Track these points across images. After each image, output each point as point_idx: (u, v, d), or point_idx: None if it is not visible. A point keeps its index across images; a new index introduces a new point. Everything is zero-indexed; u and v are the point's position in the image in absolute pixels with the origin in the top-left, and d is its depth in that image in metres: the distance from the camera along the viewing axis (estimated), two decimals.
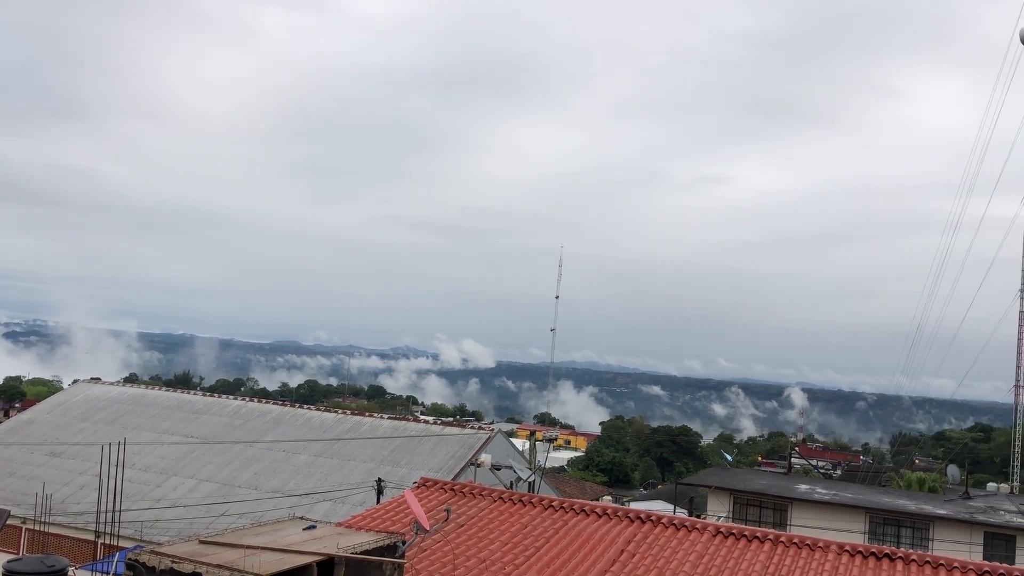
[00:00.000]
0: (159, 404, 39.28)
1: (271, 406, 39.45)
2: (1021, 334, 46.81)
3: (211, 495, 30.24)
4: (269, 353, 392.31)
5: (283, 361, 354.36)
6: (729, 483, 35.13)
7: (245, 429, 35.90)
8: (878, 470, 68.78)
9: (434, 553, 12.75)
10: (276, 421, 36.62)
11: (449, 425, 37.55)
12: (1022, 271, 47.06)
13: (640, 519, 14.57)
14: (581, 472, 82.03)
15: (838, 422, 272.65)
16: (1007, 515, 31.54)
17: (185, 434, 35.79)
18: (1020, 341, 46.90)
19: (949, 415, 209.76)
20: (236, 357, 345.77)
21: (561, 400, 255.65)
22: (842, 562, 13.07)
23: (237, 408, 38.55)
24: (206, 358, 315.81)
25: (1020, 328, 46.81)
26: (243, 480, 31.71)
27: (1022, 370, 47.25)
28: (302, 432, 35.19)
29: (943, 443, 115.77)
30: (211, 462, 33.28)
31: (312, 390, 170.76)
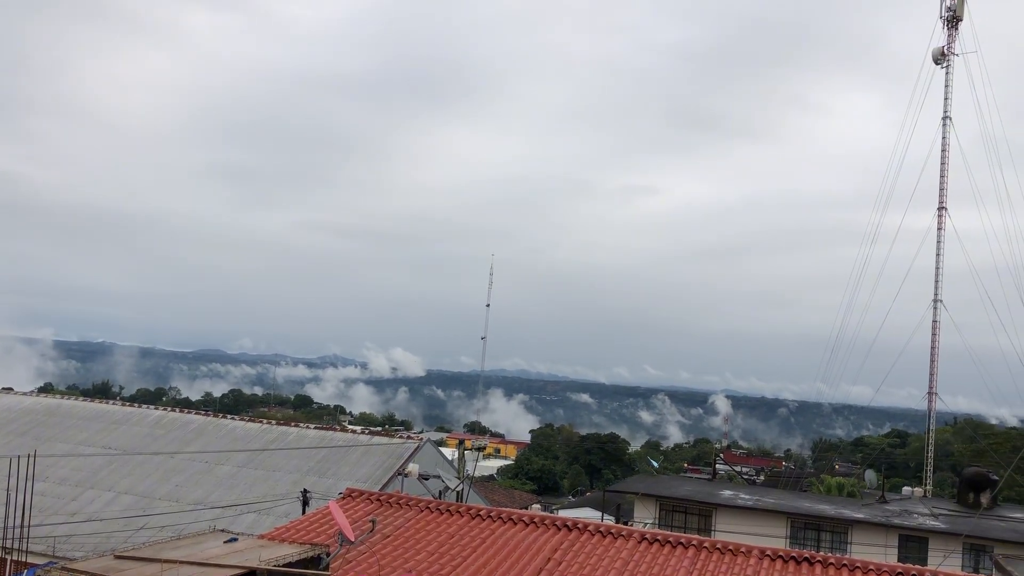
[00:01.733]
0: (75, 415, 37.97)
1: (194, 416, 38.49)
2: (935, 342, 48.42)
3: (130, 508, 29.34)
4: (192, 362, 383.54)
5: (207, 370, 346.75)
6: (655, 490, 35.56)
7: (166, 440, 34.95)
8: (799, 475, 70.43)
9: (359, 565, 12.60)
10: (199, 432, 35.74)
11: (377, 435, 37.16)
12: (935, 281, 48.76)
13: (567, 527, 14.64)
14: (511, 480, 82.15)
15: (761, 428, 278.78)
16: (920, 518, 32.60)
17: (103, 445, 34.68)
18: (934, 349, 48.51)
19: (867, 421, 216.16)
20: (158, 366, 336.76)
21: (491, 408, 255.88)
22: (763, 566, 13.34)
23: (158, 418, 37.51)
24: (126, 367, 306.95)
25: (934, 337, 48.42)
26: (163, 492, 30.85)
27: (936, 377, 48.85)
28: (226, 443, 34.42)
29: (861, 449, 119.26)
30: (130, 474, 32.30)
31: (237, 400, 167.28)
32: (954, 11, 50.29)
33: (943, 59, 50.41)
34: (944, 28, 50.72)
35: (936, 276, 48.60)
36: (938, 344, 48.05)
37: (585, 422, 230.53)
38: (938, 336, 48.05)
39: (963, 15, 50.39)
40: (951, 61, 50.34)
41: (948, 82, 50.19)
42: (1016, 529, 31.23)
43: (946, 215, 48.86)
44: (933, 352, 48.27)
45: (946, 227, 48.59)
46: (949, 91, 50.12)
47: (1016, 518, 34.14)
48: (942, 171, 49.18)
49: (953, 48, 50.48)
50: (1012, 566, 20.82)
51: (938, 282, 48.56)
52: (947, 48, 50.46)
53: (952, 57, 50.38)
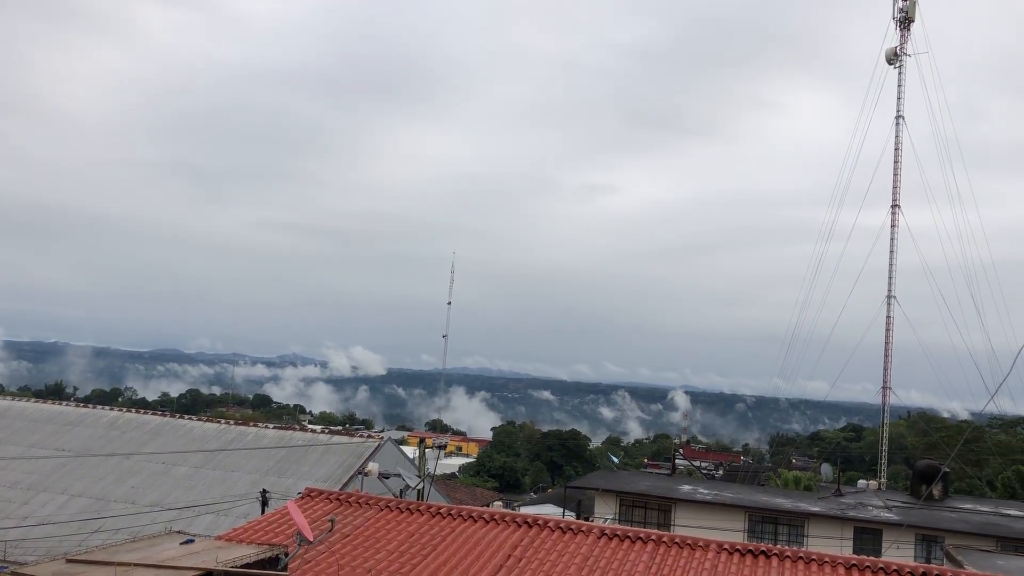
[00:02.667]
0: (27, 416, 37.22)
1: (150, 416, 37.94)
2: (888, 338, 49.28)
3: (84, 511, 28.85)
4: (148, 361, 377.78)
5: (163, 370, 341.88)
6: (616, 485, 35.78)
7: (121, 441, 34.41)
8: (757, 470, 71.37)
9: (318, 564, 12.52)
10: (155, 432, 35.24)
11: (337, 434, 36.93)
12: (889, 278, 49.62)
13: (527, 523, 14.68)
14: (472, 478, 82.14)
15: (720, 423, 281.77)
16: (875, 510, 33.18)
17: (56, 447, 34.04)
18: (888, 345, 49.37)
19: (823, 416, 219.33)
20: (112, 366, 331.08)
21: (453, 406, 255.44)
22: (721, 560, 13.50)
23: (113, 419, 36.91)
24: (80, 367, 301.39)
25: (888, 333, 49.29)
26: (119, 495, 30.38)
27: (890, 372, 49.74)
28: (183, 443, 33.98)
29: (818, 443, 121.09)
30: (84, 476, 31.75)
31: (194, 400, 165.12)
32: (906, 12, 51.18)
33: (896, 59, 51.30)
34: (897, 29, 51.62)
35: (890, 273, 49.45)
36: (892, 340, 48.94)
37: (546, 419, 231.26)
38: (892, 332, 48.94)
39: (915, 17, 51.32)
40: (903, 61, 51.25)
41: (901, 82, 51.09)
42: (966, 520, 31.92)
43: (899, 213, 49.76)
44: (887, 348, 49.15)
45: (899, 225, 49.50)
46: (902, 91, 51.02)
47: (966, 509, 34.90)
48: (895, 169, 50.08)
49: (905, 49, 51.41)
50: (962, 556, 21.29)
51: (892, 279, 49.42)
52: (900, 49, 51.35)
53: (904, 57, 51.30)
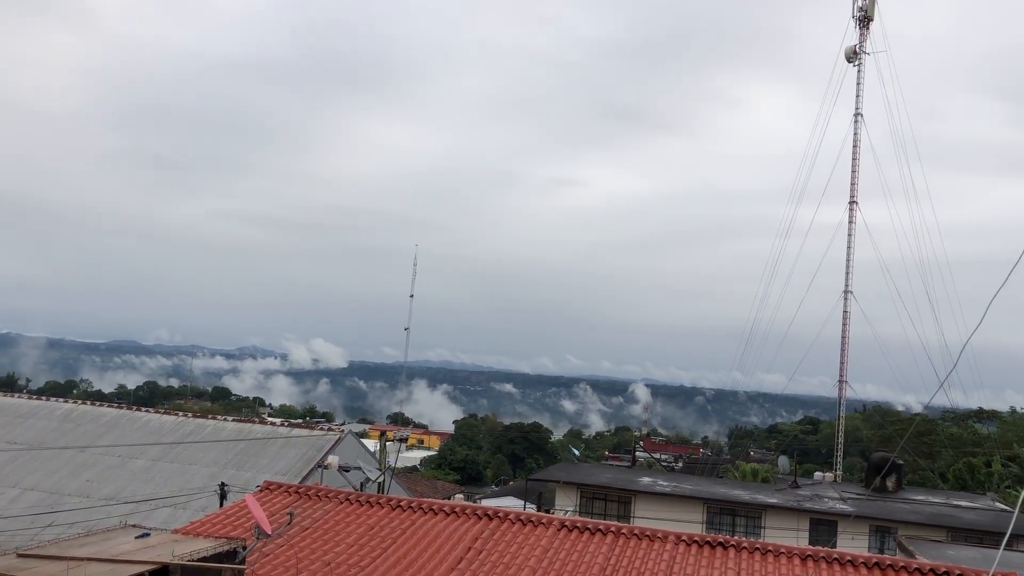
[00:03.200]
0: None
1: (106, 409, 37.35)
2: (845, 333, 49.97)
3: (37, 505, 28.34)
4: (105, 353, 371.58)
5: (120, 362, 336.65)
6: (576, 477, 35.94)
7: (76, 434, 33.85)
8: (716, 462, 72.09)
9: (277, 558, 12.44)
10: (111, 425, 34.73)
11: (297, 427, 36.68)
12: (846, 273, 50.32)
13: (488, 516, 14.70)
14: (434, 471, 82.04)
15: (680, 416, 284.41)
16: (830, 502, 33.70)
17: (8, 440, 33.39)
18: (844, 339, 50.05)
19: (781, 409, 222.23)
20: (67, 357, 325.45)
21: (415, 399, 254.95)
22: (679, 551, 13.63)
23: (68, 411, 36.28)
24: (32, 359, 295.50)
25: (844, 327, 49.96)
26: (73, 488, 29.89)
27: (846, 366, 50.44)
28: (140, 436, 33.53)
29: (775, 435, 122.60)
30: (37, 470, 31.20)
31: (152, 392, 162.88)
32: (865, 11, 51.79)
33: (855, 57, 51.89)
34: (856, 27, 52.20)
35: (847, 268, 50.12)
36: (848, 334, 49.62)
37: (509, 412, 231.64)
38: (848, 326, 49.62)
39: (874, 15, 51.95)
40: (863, 60, 51.85)
41: (860, 80, 51.71)
42: (918, 511, 32.56)
43: (857, 209, 50.43)
44: (843, 342, 49.83)
45: (857, 221, 50.16)
46: (861, 89, 51.64)
47: (919, 500, 35.59)
48: (853, 166, 50.72)
49: (865, 47, 52.00)
50: (913, 546, 21.72)
51: (849, 274, 50.10)
52: (859, 47, 51.94)
53: (864, 56, 51.90)
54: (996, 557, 20.24)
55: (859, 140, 50.87)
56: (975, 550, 22.99)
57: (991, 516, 32.97)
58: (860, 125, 51.23)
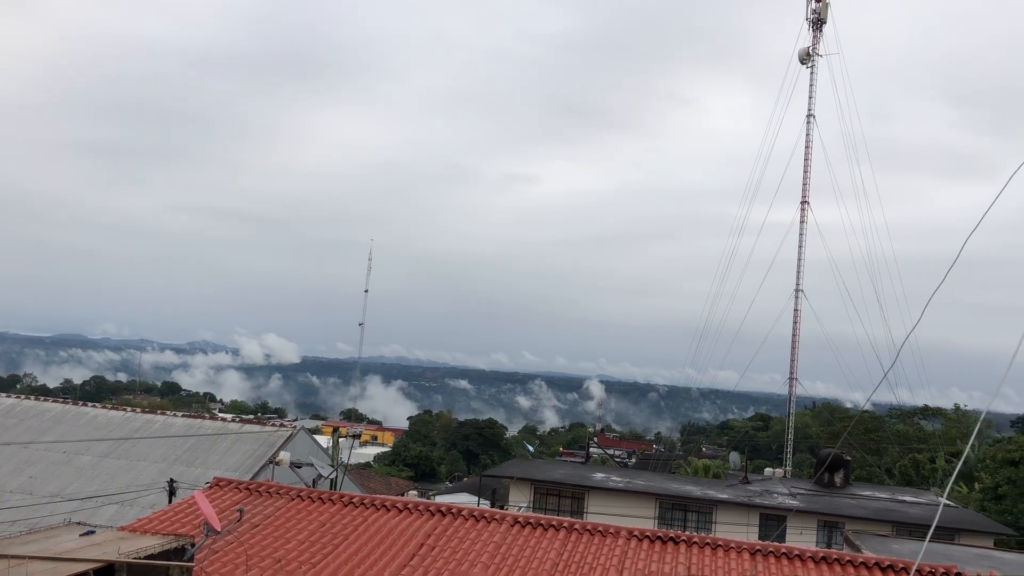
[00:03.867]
0: None
1: (50, 404, 36.50)
2: (795, 330, 50.75)
3: None
4: (50, 347, 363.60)
5: (66, 355, 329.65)
6: (530, 474, 36.01)
7: (19, 429, 33.05)
8: (669, 458, 72.81)
9: (226, 555, 12.26)
10: (56, 420, 33.97)
11: (249, 423, 36.24)
12: (797, 272, 51.08)
13: (440, 512, 14.65)
14: (388, 467, 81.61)
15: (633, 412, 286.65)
16: (780, 497, 34.21)
17: None
18: (795, 337, 50.84)
19: (733, 405, 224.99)
20: (10, 351, 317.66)
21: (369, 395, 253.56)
22: (631, 546, 13.72)
23: (10, 406, 35.41)
24: None
25: (795, 325, 50.74)
26: (15, 485, 29.17)
27: (796, 364, 51.24)
28: (86, 431, 32.85)
29: (727, 431, 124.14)
30: None
31: (99, 387, 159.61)
32: (819, 14, 52.58)
33: (808, 59, 52.66)
34: (810, 30, 53.01)
35: (798, 267, 50.89)
36: (799, 332, 50.42)
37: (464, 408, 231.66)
38: (799, 324, 50.41)
39: (827, 18, 52.77)
40: (815, 62, 52.64)
41: (812, 81, 52.51)
42: (865, 506, 33.19)
43: (808, 209, 51.23)
44: (794, 340, 50.62)
45: (808, 220, 50.96)
46: (813, 90, 52.44)
47: (865, 496, 36.28)
48: (805, 167, 51.50)
49: (818, 49, 52.78)
50: (859, 540, 22.14)
51: (800, 273, 50.88)
52: (812, 49, 52.71)
53: (816, 58, 52.68)
54: (939, 551, 20.73)
55: (811, 141, 51.70)
56: (919, 544, 23.50)
57: (935, 511, 33.74)
58: (812, 126, 52.04)
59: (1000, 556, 21.83)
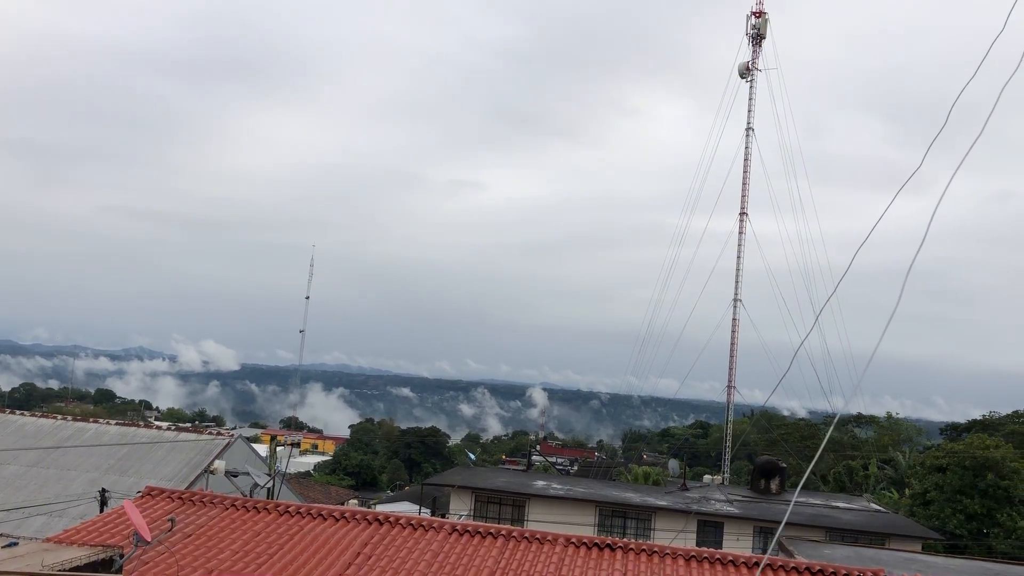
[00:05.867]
0: None
1: None
2: (734, 339, 51.56)
3: None
4: None
5: None
6: (472, 482, 35.94)
7: None
8: (610, 465, 73.34)
9: (157, 566, 12.02)
10: None
11: (185, 431, 35.60)
12: (735, 282, 51.95)
13: (378, 521, 14.56)
14: (328, 476, 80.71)
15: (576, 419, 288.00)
16: (717, 504, 34.69)
17: None
18: (733, 345, 51.64)
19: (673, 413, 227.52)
20: None
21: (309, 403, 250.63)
22: (568, 554, 13.80)
23: None
24: None
25: (733, 334, 51.55)
26: None
27: (734, 372, 52.04)
28: (14, 440, 31.89)
29: (668, 439, 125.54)
30: None
31: (29, 394, 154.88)
32: (758, 29, 53.63)
33: (748, 73, 53.65)
34: (749, 45, 54.01)
35: (736, 277, 51.74)
36: (737, 340, 51.22)
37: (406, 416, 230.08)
38: (737, 333, 51.22)
39: (766, 34, 53.85)
40: (755, 76, 53.66)
41: (752, 95, 53.49)
42: (799, 512, 33.81)
43: (747, 220, 52.17)
44: (732, 348, 51.41)
45: (746, 231, 51.88)
46: (752, 104, 53.42)
47: (800, 502, 36.97)
48: (744, 179, 52.44)
49: (757, 64, 53.81)
50: (793, 546, 22.57)
51: (738, 282, 51.73)
52: (752, 63, 53.72)
53: (756, 72, 53.72)
54: (868, 555, 21.24)
55: (750, 153, 52.67)
56: (850, 549, 24.05)
57: (866, 516, 34.55)
58: (751, 139, 53.02)
59: (926, 559, 22.45)
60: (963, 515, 39.49)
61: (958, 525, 39.13)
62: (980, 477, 39.59)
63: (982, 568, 21.55)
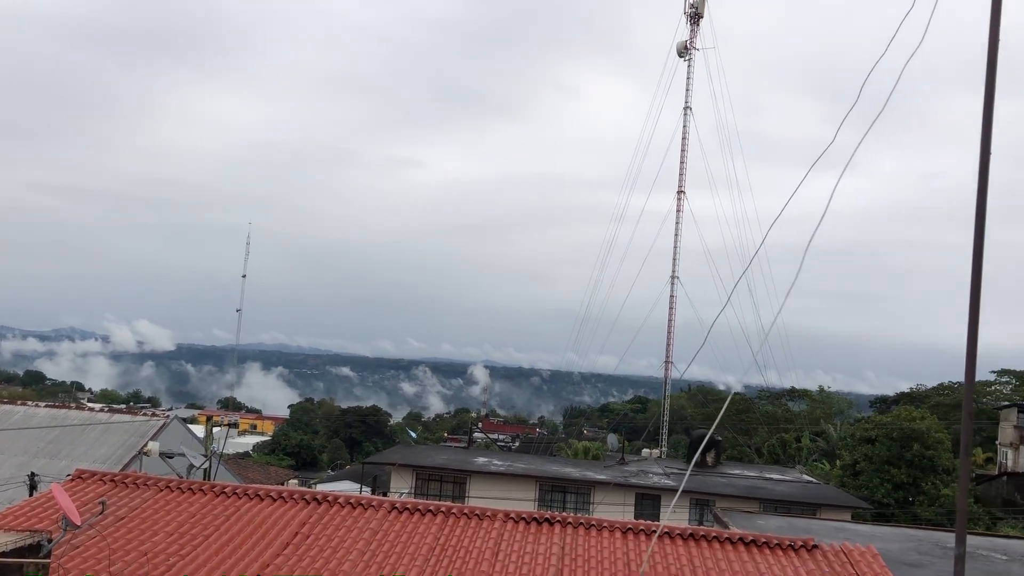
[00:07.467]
0: None
1: None
2: (671, 316, 52.32)
3: None
4: None
5: None
6: (412, 460, 35.98)
7: None
8: (551, 441, 73.96)
9: (87, 550, 11.79)
10: None
11: (119, 412, 34.95)
12: (673, 259, 52.63)
13: (316, 500, 14.47)
14: (267, 457, 79.92)
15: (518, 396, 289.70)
16: (655, 477, 35.29)
17: None
18: (671, 322, 52.42)
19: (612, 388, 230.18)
20: None
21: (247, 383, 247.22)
22: (507, 529, 13.90)
23: None
24: None
25: (671, 311, 52.32)
26: None
27: (672, 348, 52.84)
28: None
29: (607, 414, 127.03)
30: None
31: None
32: (696, 8, 54.01)
33: (686, 53, 54.06)
34: (688, 24, 54.38)
35: (674, 255, 52.46)
36: (675, 317, 51.99)
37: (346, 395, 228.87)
38: (675, 310, 51.99)
39: (704, 13, 54.26)
40: (693, 55, 54.11)
41: (690, 75, 53.97)
42: (734, 484, 34.60)
43: (684, 198, 52.79)
44: (670, 324, 52.18)
45: (684, 209, 52.53)
46: (690, 83, 53.91)
47: (735, 474, 37.81)
48: (682, 157, 53.02)
49: (695, 43, 54.25)
50: (728, 517, 23.10)
51: (676, 260, 52.46)
52: (690, 43, 54.13)
53: (694, 51, 54.17)
54: (800, 525, 21.82)
55: (688, 132, 53.23)
56: (783, 519, 24.70)
57: (799, 487, 35.50)
58: (689, 118, 53.55)
59: (855, 528, 23.17)
60: (890, 484, 40.84)
61: (886, 494, 40.46)
62: (907, 448, 40.92)
63: (906, 535, 22.34)
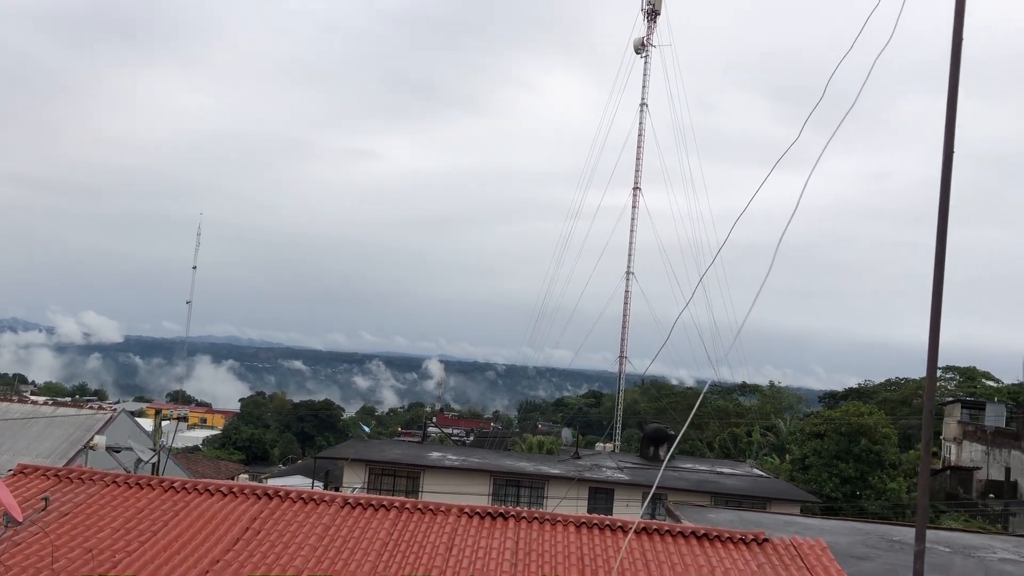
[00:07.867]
0: None
1: None
2: (626, 311, 52.68)
3: None
4: None
5: None
6: (366, 454, 35.72)
7: None
8: (505, 435, 74.00)
9: (30, 547, 11.49)
10: None
11: (64, 406, 34.21)
12: (628, 255, 52.96)
13: (267, 495, 14.28)
14: (217, 451, 78.94)
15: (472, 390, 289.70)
16: (608, 471, 35.49)
17: None
18: (625, 317, 52.77)
19: (567, 383, 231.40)
20: None
21: (197, 376, 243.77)
22: (461, 524, 13.85)
23: None
24: None
25: (626, 306, 52.67)
26: None
27: (627, 343, 53.22)
28: None
29: (562, 408, 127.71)
30: None
31: None
32: (653, 5, 54.32)
33: (643, 49, 54.35)
34: (644, 20, 54.68)
35: (629, 250, 52.81)
36: (629, 312, 52.38)
37: (299, 389, 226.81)
38: (629, 305, 52.38)
39: (661, 9, 54.59)
40: (649, 52, 54.42)
41: (646, 71, 54.28)
42: (686, 478, 34.95)
43: (640, 195, 53.15)
44: (625, 320, 52.54)
45: (640, 205, 52.87)
46: (647, 80, 54.22)
47: (687, 468, 38.19)
48: (638, 154, 53.34)
49: (652, 40, 54.56)
50: (679, 510, 23.30)
51: (631, 256, 52.80)
52: (646, 39, 54.43)
53: (651, 48, 54.47)
54: (751, 518, 22.10)
55: (644, 129, 53.57)
56: (733, 513, 24.99)
57: (749, 481, 35.97)
58: (645, 115, 53.87)
59: (804, 522, 23.53)
60: (839, 479, 41.60)
61: (834, 488, 41.20)
62: (855, 442, 41.70)
63: (853, 528, 22.74)
